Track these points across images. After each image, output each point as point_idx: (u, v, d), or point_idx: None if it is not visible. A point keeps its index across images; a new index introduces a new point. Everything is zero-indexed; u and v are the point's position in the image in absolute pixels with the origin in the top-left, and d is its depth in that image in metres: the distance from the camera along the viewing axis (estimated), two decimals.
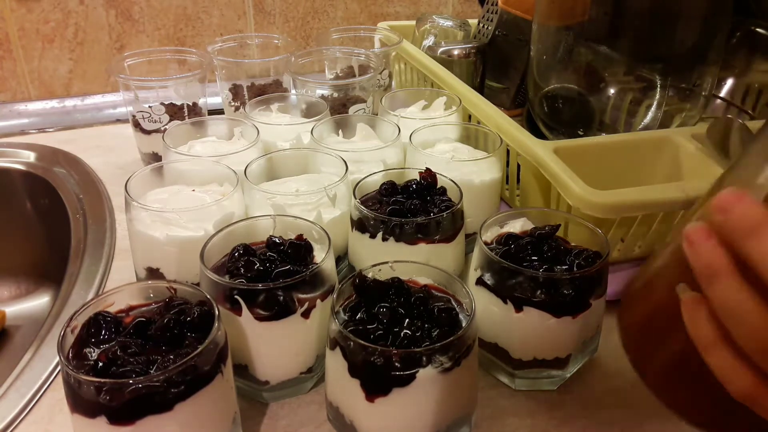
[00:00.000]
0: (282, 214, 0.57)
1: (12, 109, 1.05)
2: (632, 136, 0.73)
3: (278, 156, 0.70)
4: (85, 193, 0.82)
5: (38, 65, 1.06)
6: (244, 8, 1.14)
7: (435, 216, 0.58)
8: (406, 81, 1.03)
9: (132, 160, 0.89)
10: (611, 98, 0.79)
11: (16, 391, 0.53)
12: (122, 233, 0.75)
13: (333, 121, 0.77)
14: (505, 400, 0.54)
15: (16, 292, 0.89)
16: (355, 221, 0.60)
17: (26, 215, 0.88)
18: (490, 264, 0.51)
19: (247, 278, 0.48)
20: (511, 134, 0.70)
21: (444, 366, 0.43)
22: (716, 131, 0.64)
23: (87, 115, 1.07)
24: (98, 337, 0.43)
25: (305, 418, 0.51)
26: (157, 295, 0.47)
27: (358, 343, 0.42)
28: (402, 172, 0.65)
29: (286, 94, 0.90)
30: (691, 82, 0.77)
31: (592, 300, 0.51)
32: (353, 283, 0.48)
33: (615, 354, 0.58)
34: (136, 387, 0.38)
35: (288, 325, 0.49)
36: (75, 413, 0.40)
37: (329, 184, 0.61)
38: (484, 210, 0.68)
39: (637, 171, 0.69)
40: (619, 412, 0.52)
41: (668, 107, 0.78)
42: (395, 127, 0.74)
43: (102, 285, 0.67)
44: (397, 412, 0.44)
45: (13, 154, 0.91)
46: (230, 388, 0.45)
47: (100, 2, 1.05)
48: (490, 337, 0.54)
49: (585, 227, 0.55)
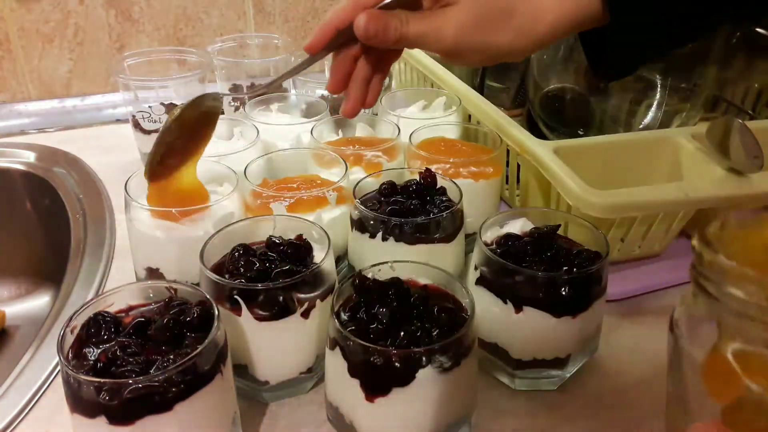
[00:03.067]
0: (282, 214, 0.57)
1: (12, 109, 1.05)
2: (632, 136, 0.73)
3: (278, 156, 0.70)
4: (85, 193, 0.82)
5: (38, 65, 1.06)
6: (244, 8, 1.14)
7: (435, 216, 0.58)
8: (406, 81, 1.03)
9: (132, 160, 0.89)
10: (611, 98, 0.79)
11: (15, 391, 0.53)
12: (122, 233, 0.75)
13: (333, 121, 0.77)
14: (505, 400, 0.54)
15: (16, 292, 0.89)
16: (355, 221, 0.60)
17: (26, 215, 0.88)
18: (490, 264, 0.51)
19: (246, 278, 0.48)
20: (511, 134, 0.70)
21: (444, 366, 0.43)
22: (716, 131, 0.64)
23: (87, 115, 1.07)
24: (98, 337, 0.42)
25: (305, 418, 0.51)
26: (157, 295, 0.47)
27: (358, 343, 0.42)
28: (402, 172, 0.65)
29: (286, 94, 0.90)
30: (691, 82, 0.77)
31: (592, 300, 0.51)
32: (353, 283, 0.48)
33: (615, 354, 0.58)
34: (135, 387, 0.38)
35: (288, 325, 0.49)
36: (75, 413, 0.40)
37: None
38: (484, 210, 0.68)
39: (637, 171, 0.69)
40: (619, 412, 0.52)
41: (668, 107, 0.78)
42: (395, 127, 0.74)
43: (102, 285, 0.67)
44: (397, 412, 0.44)
45: (13, 154, 0.91)
46: (230, 388, 0.45)
47: (100, 2, 1.05)
48: (490, 337, 0.54)
49: (585, 227, 0.55)
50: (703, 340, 0.32)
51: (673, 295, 0.65)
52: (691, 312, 0.34)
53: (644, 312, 0.63)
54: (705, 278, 0.31)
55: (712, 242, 0.31)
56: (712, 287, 0.31)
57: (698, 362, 0.33)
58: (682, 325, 0.35)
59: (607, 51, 0.52)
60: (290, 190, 0.62)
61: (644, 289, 0.65)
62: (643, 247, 0.66)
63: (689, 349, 0.34)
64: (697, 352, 0.33)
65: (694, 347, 0.33)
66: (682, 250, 0.70)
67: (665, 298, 0.65)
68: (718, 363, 0.31)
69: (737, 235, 0.33)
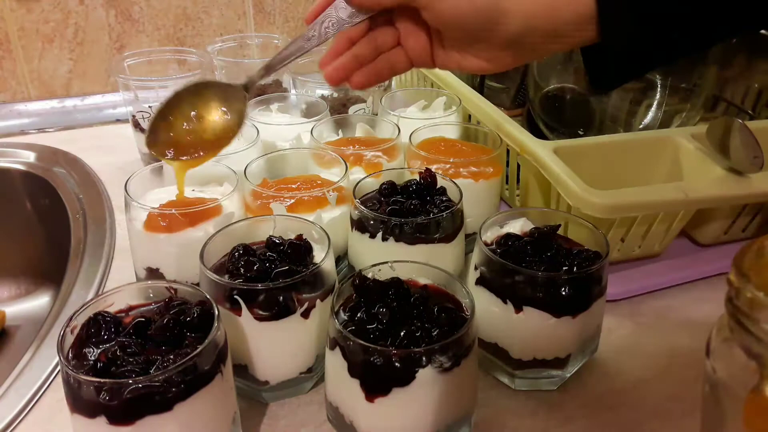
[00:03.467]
0: (282, 214, 0.57)
1: (12, 109, 1.05)
2: (632, 136, 0.73)
3: (278, 156, 0.70)
4: (85, 193, 0.82)
5: (38, 65, 1.06)
6: (244, 8, 1.14)
7: (435, 216, 0.58)
8: (406, 81, 1.03)
9: (132, 160, 0.89)
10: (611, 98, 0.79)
11: (15, 391, 0.53)
12: (122, 233, 0.75)
13: (333, 121, 0.77)
14: (505, 400, 0.54)
15: (16, 292, 0.89)
16: (355, 221, 0.60)
17: (26, 215, 0.88)
18: (490, 264, 0.51)
19: (246, 278, 0.48)
20: (511, 134, 0.70)
21: (444, 366, 0.43)
22: (716, 131, 0.64)
23: (87, 115, 1.07)
24: (98, 337, 0.42)
25: (305, 418, 0.51)
26: (157, 295, 0.47)
27: (357, 343, 0.42)
28: (402, 172, 0.65)
29: (286, 94, 0.90)
30: (691, 82, 0.77)
31: (592, 300, 0.51)
32: (353, 283, 0.48)
33: (615, 354, 0.58)
34: (135, 387, 0.38)
35: (288, 325, 0.49)
36: (75, 413, 0.40)
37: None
38: (484, 210, 0.68)
39: (637, 171, 0.69)
40: (619, 412, 0.52)
41: (668, 107, 0.78)
42: (395, 127, 0.74)
43: (102, 285, 0.67)
44: (397, 412, 0.44)
45: (13, 154, 0.91)
46: (230, 388, 0.45)
47: (100, 2, 1.05)
48: (490, 337, 0.54)
49: (585, 227, 0.55)
50: (742, 376, 0.31)
51: (673, 295, 0.65)
52: (729, 344, 0.32)
53: (644, 312, 0.63)
54: (743, 315, 0.30)
55: (750, 276, 0.30)
56: (751, 325, 0.29)
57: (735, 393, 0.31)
58: (719, 356, 0.33)
59: (605, 64, 0.49)
60: (290, 191, 0.62)
61: (644, 289, 0.65)
62: (643, 247, 0.66)
63: (727, 380, 0.32)
64: (736, 386, 0.32)
65: (735, 384, 0.32)
66: (682, 250, 0.70)
67: (665, 298, 0.65)
68: (761, 403, 0.30)
69: None
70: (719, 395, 0.33)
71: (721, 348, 0.33)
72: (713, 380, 0.33)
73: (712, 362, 0.33)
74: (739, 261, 0.31)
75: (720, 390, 0.33)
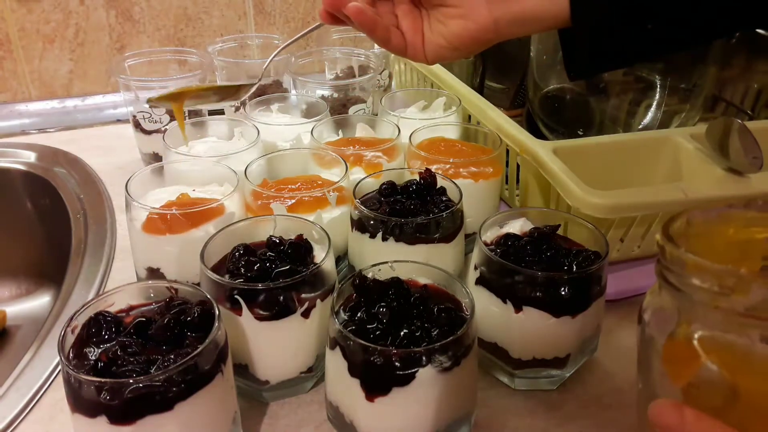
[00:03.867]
0: (282, 215, 0.58)
1: (12, 110, 1.05)
2: (632, 136, 0.73)
3: (278, 156, 0.70)
4: (85, 193, 0.83)
5: (39, 65, 1.06)
6: (244, 8, 1.14)
7: (435, 216, 0.58)
8: (405, 81, 1.03)
9: (132, 160, 0.89)
10: (611, 98, 0.79)
11: (16, 391, 0.53)
12: (123, 233, 0.75)
13: (333, 122, 0.77)
14: (505, 399, 0.54)
15: (16, 292, 0.89)
16: (355, 221, 0.60)
17: (27, 215, 0.89)
18: (490, 264, 0.52)
19: (247, 278, 0.49)
20: (510, 134, 0.70)
21: (444, 366, 0.43)
22: (716, 131, 0.64)
23: (87, 115, 1.07)
24: (99, 336, 0.43)
25: (305, 418, 0.51)
26: (158, 295, 0.47)
27: (358, 342, 0.42)
28: (402, 172, 0.65)
29: (287, 94, 0.90)
30: (690, 82, 0.77)
31: (592, 300, 0.51)
32: (353, 283, 0.48)
33: (615, 354, 0.58)
34: (136, 386, 0.38)
35: (288, 324, 0.49)
36: (75, 413, 0.40)
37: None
38: (483, 210, 0.68)
39: (637, 171, 0.69)
40: (619, 412, 0.52)
41: (668, 107, 0.78)
42: (395, 127, 0.74)
43: (102, 285, 0.67)
44: (397, 411, 0.44)
45: (14, 154, 0.91)
46: (230, 388, 0.45)
47: (100, 3, 1.05)
48: (490, 336, 0.54)
49: (584, 227, 0.55)
50: (667, 328, 0.34)
51: None
52: (656, 303, 0.36)
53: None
54: (668, 270, 0.33)
55: (674, 238, 0.34)
56: (674, 278, 0.33)
57: (659, 343, 0.35)
58: (648, 314, 0.37)
59: (578, 46, 0.50)
60: (290, 191, 0.62)
61: (644, 289, 0.65)
62: (642, 247, 0.66)
63: (655, 336, 0.35)
64: (659, 336, 0.35)
65: (659, 335, 0.35)
66: None
67: None
68: (676, 346, 0.34)
69: (702, 232, 0.36)
70: (649, 351, 0.36)
71: (649, 309, 0.37)
72: (644, 338, 0.37)
73: (643, 321, 0.37)
74: (666, 227, 0.35)
75: (648, 345, 0.36)
